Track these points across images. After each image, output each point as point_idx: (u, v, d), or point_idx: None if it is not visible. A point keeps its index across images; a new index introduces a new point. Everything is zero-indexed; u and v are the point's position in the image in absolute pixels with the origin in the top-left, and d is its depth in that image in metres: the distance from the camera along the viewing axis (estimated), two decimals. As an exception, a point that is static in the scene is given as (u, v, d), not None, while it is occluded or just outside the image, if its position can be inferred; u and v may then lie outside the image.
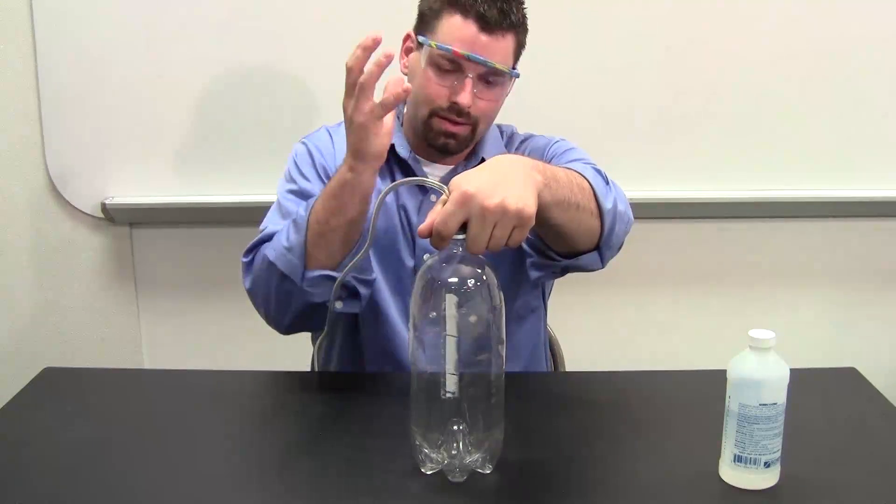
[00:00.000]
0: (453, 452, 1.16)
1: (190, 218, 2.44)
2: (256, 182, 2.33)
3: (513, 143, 1.74)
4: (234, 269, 2.08)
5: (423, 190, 1.65)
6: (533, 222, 1.16)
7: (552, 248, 1.46)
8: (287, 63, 2.30)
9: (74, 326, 2.51)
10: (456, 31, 1.53)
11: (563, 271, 1.53)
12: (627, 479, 1.23)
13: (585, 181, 1.37)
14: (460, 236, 1.13)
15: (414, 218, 1.64)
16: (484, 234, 1.13)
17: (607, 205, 1.39)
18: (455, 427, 1.16)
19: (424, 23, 1.59)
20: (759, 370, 1.13)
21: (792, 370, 1.15)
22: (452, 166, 1.67)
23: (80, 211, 2.42)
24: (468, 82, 1.54)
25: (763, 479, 1.16)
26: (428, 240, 1.16)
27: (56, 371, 1.61)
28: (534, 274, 1.56)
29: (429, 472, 1.19)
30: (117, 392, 1.54)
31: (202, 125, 2.35)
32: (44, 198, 2.41)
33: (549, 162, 1.57)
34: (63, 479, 1.22)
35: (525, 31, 1.60)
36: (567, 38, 2.30)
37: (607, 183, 1.44)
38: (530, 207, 1.15)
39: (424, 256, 1.61)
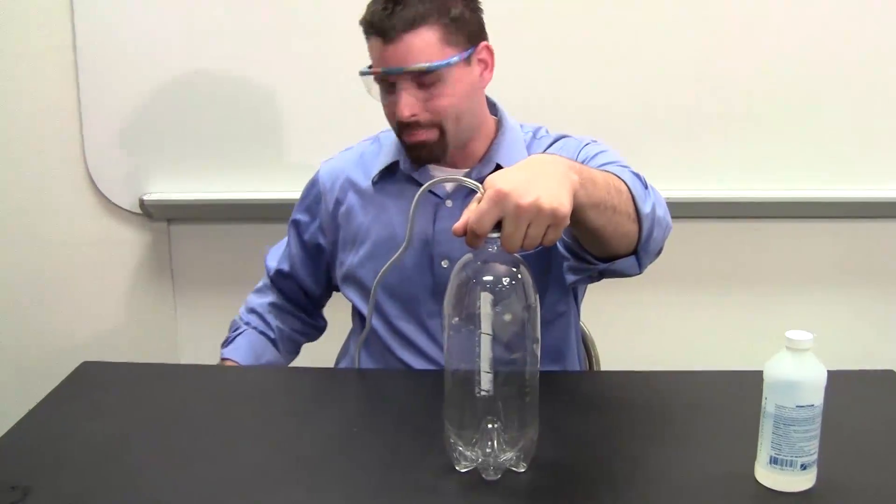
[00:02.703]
0: (487, 451, 1.17)
1: (227, 214, 2.45)
2: (295, 178, 2.33)
3: (541, 143, 1.70)
4: (271, 266, 2.11)
5: (437, 196, 1.65)
6: (567, 222, 1.15)
7: (589, 251, 1.44)
8: (326, 60, 2.31)
9: (112, 321, 2.54)
10: (371, 51, 1.56)
11: (600, 275, 1.51)
12: (661, 479, 1.23)
13: (623, 184, 1.35)
14: (495, 235, 1.13)
15: (429, 228, 1.64)
16: (518, 233, 1.12)
17: (645, 209, 1.37)
18: (490, 425, 1.16)
19: None
20: (797, 371, 1.12)
21: (829, 372, 1.14)
22: (466, 170, 1.65)
23: (119, 207, 2.44)
24: (401, 94, 1.54)
25: (799, 481, 1.16)
26: (450, 238, 1.16)
27: (94, 365, 1.63)
28: (570, 278, 1.55)
29: (463, 471, 1.19)
30: (153, 387, 1.56)
31: (241, 121, 2.37)
32: (83, 194, 2.44)
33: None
34: (99, 472, 1.23)
35: (448, 14, 1.52)
36: (592, 35, 2.30)
37: (646, 187, 1.42)
38: (565, 207, 1.14)
39: (442, 263, 1.61)
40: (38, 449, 1.30)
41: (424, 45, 1.51)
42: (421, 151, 1.60)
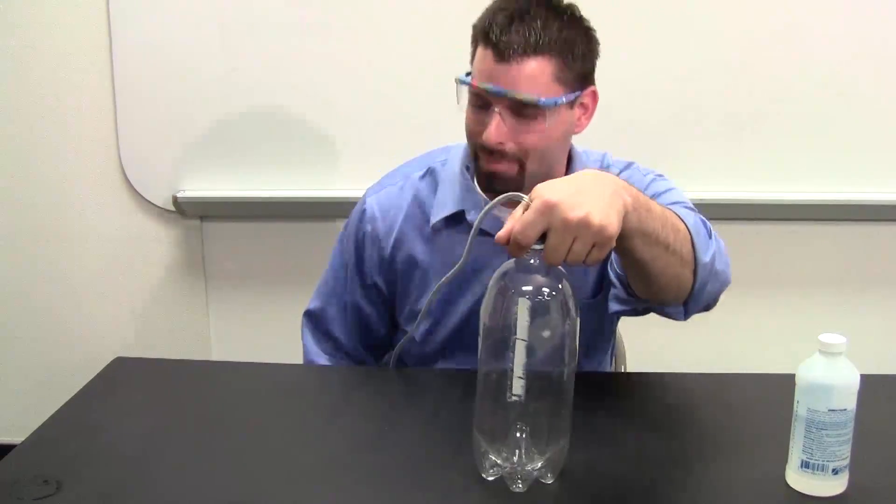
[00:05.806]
0: (515, 458, 1.15)
1: (260, 212, 2.47)
2: (327, 178, 2.35)
3: (610, 172, 1.56)
4: (303, 264, 2.12)
5: (489, 235, 1.51)
6: (613, 243, 1.12)
7: (636, 288, 1.37)
8: (363, 62, 2.31)
9: (144, 318, 2.56)
10: (479, 62, 1.43)
11: (645, 311, 1.47)
12: (692, 483, 1.22)
13: (683, 225, 1.29)
14: (539, 246, 1.11)
15: (481, 262, 1.51)
16: (563, 247, 1.09)
17: (704, 258, 1.31)
18: (518, 433, 1.15)
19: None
20: (830, 375, 1.11)
21: (862, 376, 1.13)
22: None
23: (152, 204, 2.46)
24: (494, 117, 1.41)
25: (831, 486, 1.15)
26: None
27: (126, 361, 1.63)
28: (613, 307, 1.49)
29: (490, 478, 1.18)
30: (185, 383, 1.57)
31: (274, 120, 2.38)
32: (116, 190, 2.46)
33: None
34: (131, 467, 1.24)
35: (570, 50, 1.41)
36: (633, 38, 2.29)
37: (710, 237, 1.35)
38: (613, 226, 1.10)
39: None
40: (70, 443, 1.31)
41: (537, 75, 1.39)
42: (495, 182, 1.47)
